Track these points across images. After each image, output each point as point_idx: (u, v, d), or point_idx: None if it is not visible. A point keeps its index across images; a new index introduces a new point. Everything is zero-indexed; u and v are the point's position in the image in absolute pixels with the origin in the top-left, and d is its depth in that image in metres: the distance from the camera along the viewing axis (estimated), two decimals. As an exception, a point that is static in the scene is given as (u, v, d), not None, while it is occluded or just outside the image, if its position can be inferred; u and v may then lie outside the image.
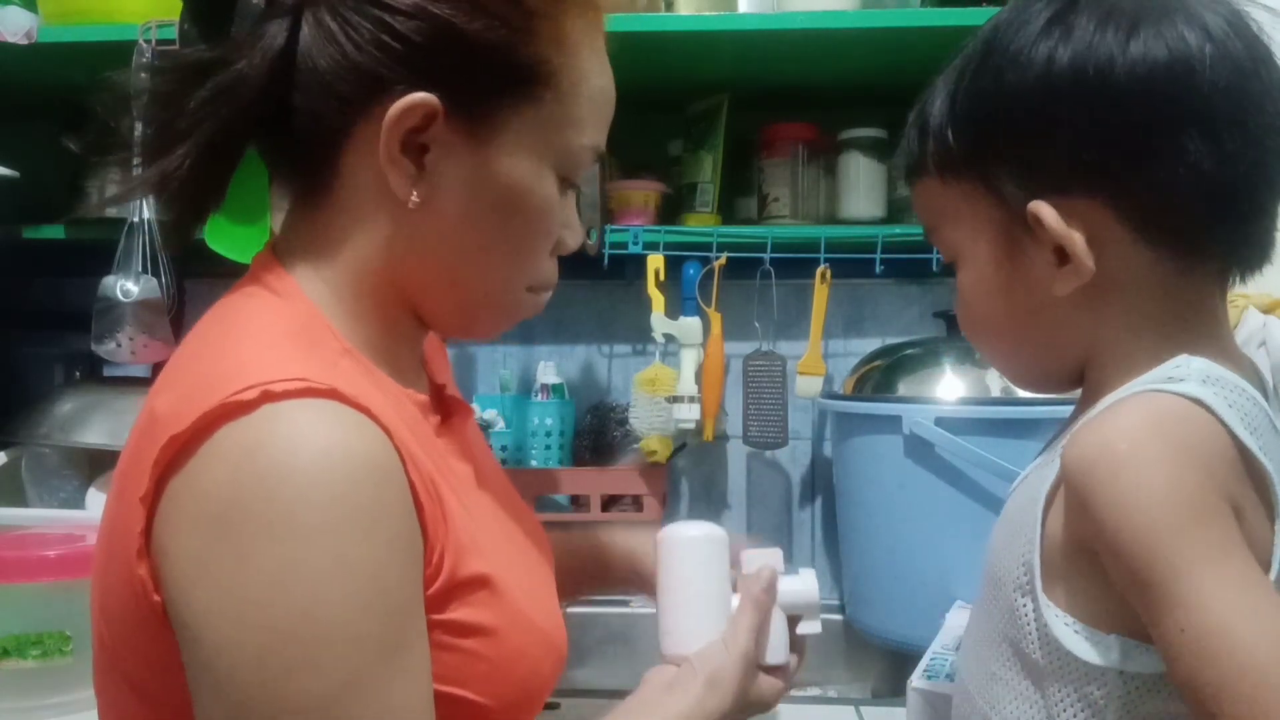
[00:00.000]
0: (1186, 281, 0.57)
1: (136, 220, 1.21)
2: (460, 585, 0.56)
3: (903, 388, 1.21)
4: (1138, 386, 0.55)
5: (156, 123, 0.57)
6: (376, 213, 0.59)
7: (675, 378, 1.35)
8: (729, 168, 1.40)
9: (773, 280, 1.40)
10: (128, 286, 1.22)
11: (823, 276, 1.35)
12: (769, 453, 1.48)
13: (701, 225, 1.38)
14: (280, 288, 0.60)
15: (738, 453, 1.51)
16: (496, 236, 0.61)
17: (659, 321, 1.35)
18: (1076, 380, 0.62)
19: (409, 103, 0.56)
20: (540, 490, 1.37)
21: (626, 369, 1.52)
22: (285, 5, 0.56)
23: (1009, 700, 0.58)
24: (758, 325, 1.43)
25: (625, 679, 0.70)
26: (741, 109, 1.38)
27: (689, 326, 1.35)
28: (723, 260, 1.35)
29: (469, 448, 0.69)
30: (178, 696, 0.51)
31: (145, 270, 1.23)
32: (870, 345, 1.40)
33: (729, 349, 1.40)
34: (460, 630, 0.56)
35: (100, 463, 1.28)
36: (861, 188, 1.38)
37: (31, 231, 1.35)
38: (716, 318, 1.38)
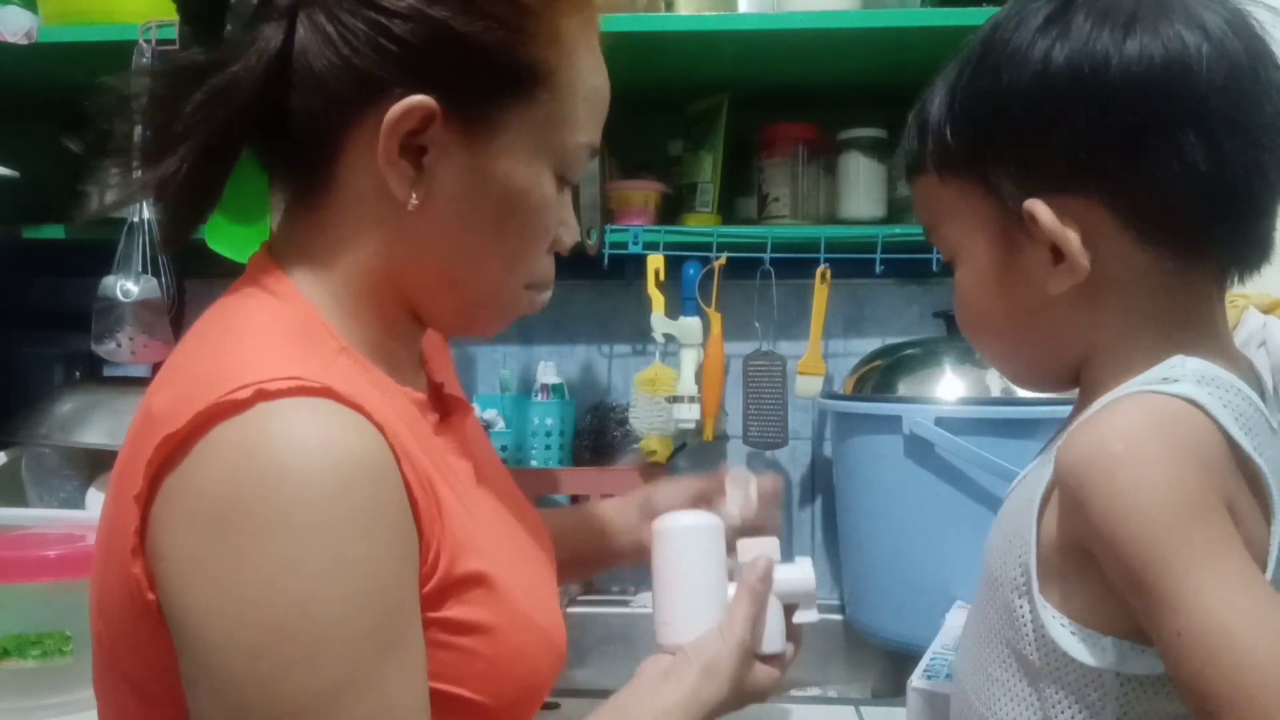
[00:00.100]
0: (1184, 281, 0.57)
1: (136, 220, 1.21)
2: (456, 583, 0.56)
3: (903, 388, 1.21)
4: (1133, 387, 0.55)
5: (153, 127, 0.57)
6: (374, 214, 0.59)
7: (675, 378, 1.35)
8: (729, 168, 1.40)
9: (773, 280, 1.39)
10: (128, 286, 1.23)
11: (823, 276, 1.35)
12: (769, 453, 1.48)
13: (701, 225, 1.38)
14: (277, 288, 0.60)
15: (738, 453, 1.50)
16: (495, 236, 0.61)
17: (659, 321, 1.35)
18: (1074, 379, 0.62)
19: (407, 105, 0.56)
20: (540, 490, 1.37)
21: (626, 369, 1.52)
22: (280, 8, 0.55)
23: (1005, 701, 0.58)
24: (758, 325, 1.43)
25: (625, 679, 0.70)
26: (741, 109, 1.38)
27: (689, 326, 1.35)
28: (723, 260, 1.35)
29: (469, 446, 0.69)
30: (177, 695, 0.51)
31: (145, 270, 1.23)
32: (870, 345, 1.40)
33: (729, 349, 1.40)
34: (456, 628, 0.56)
35: (100, 463, 1.28)
36: (861, 188, 1.38)
37: (31, 231, 1.35)
38: (716, 318, 1.38)
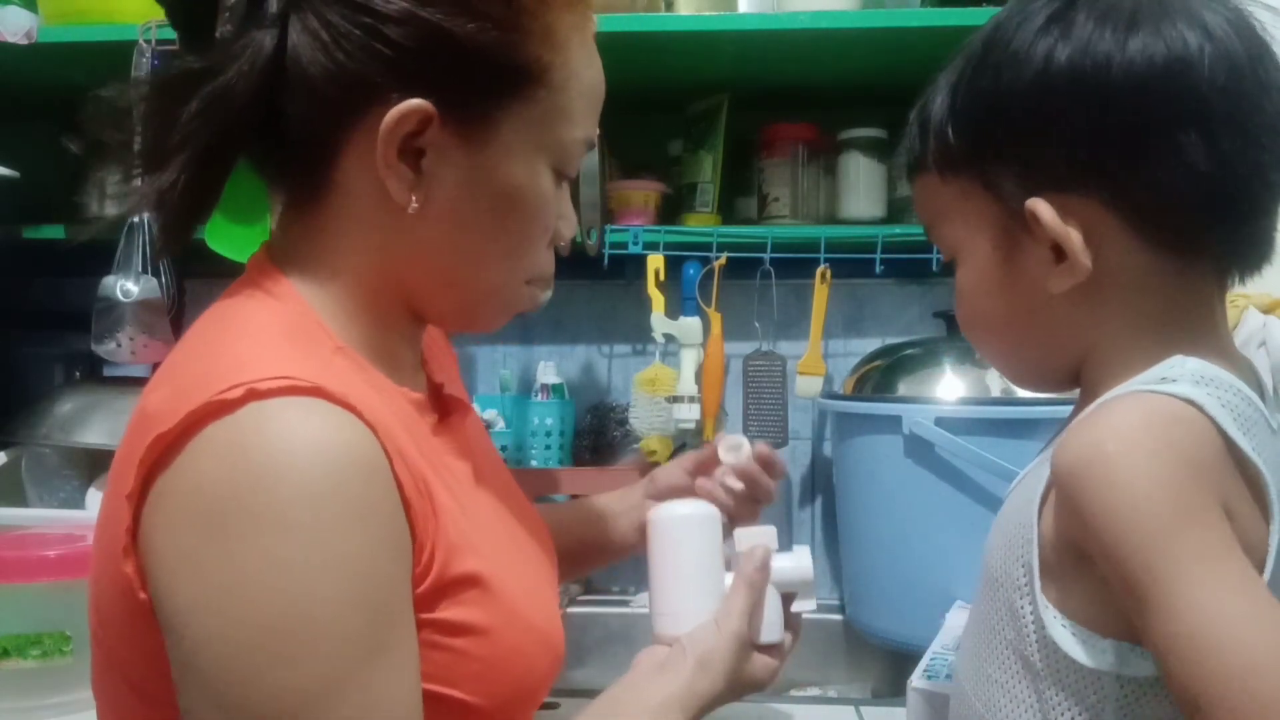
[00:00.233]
0: (1185, 281, 0.57)
1: (136, 220, 1.21)
2: (451, 584, 0.56)
3: (903, 388, 1.21)
4: (1131, 386, 0.55)
5: (149, 138, 0.56)
6: (373, 216, 0.59)
7: (675, 378, 1.35)
8: (729, 168, 1.40)
9: (773, 280, 1.39)
10: (128, 286, 1.22)
11: (823, 276, 1.35)
12: (769, 453, 1.48)
13: (701, 225, 1.38)
14: (275, 289, 0.60)
15: (737, 453, 1.50)
16: (494, 234, 0.61)
17: (659, 321, 1.34)
18: (1074, 379, 0.62)
19: (404, 110, 0.55)
20: (540, 490, 1.37)
21: (626, 369, 1.52)
22: (271, 14, 0.55)
23: (1005, 702, 0.58)
24: (758, 325, 1.43)
25: (625, 679, 0.70)
26: (741, 109, 1.38)
27: (689, 326, 1.35)
28: (723, 260, 1.34)
29: (468, 446, 0.69)
30: (174, 693, 0.51)
31: (145, 270, 1.23)
32: (870, 345, 1.40)
33: (729, 349, 1.40)
34: (451, 629, 0.56)
35: (100, 463, 1.28)
36: (861, 188, 1.38)
37: (31, 231, 1.35)
38: (716, 318, 1.37)
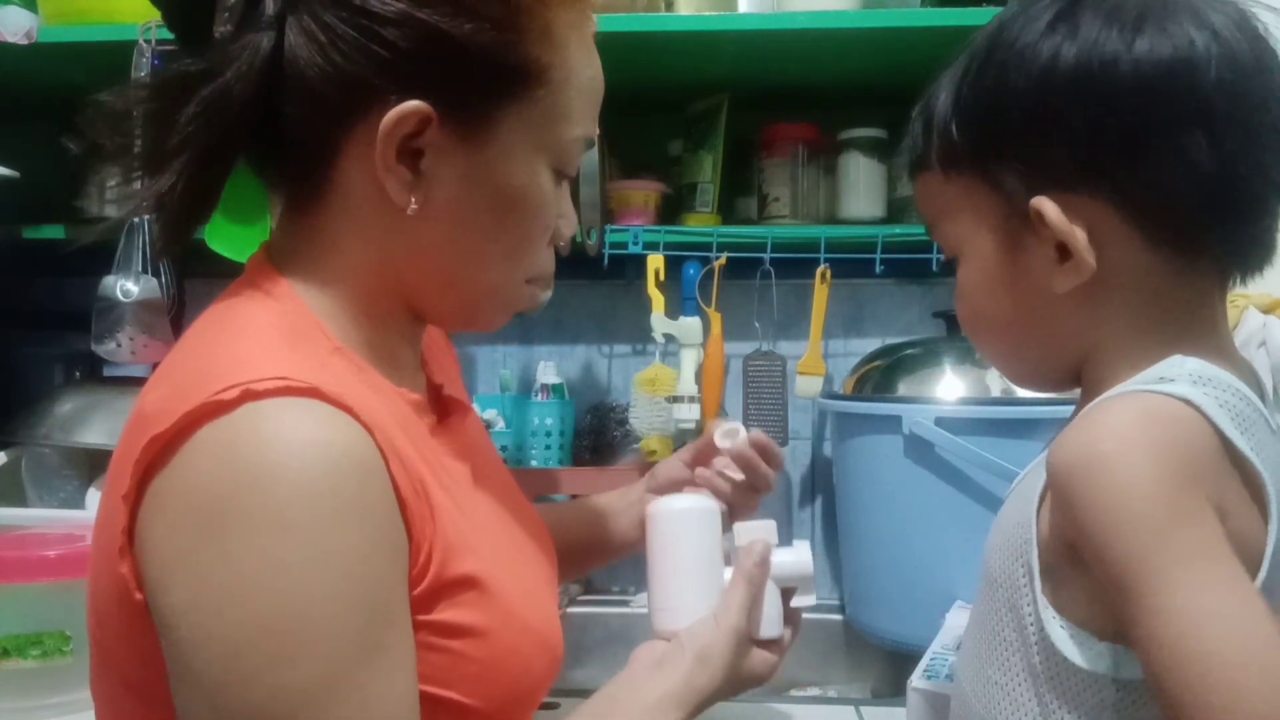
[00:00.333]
0: (1186, 281, 0.57)
1: (136, 221, 1.21)
2: (448, 585, 0.56)
3: (903, 388, 1.21)
4: (1129, 386, 0.55)
5: (148, 141, 0.56)
6: (372, 217, 0.59)
7: (675, 378, 1.35)
8: (729, 168, 1.40)
9: (773, 280, 1.39)
10: (128, 286, 1.22)
11: (823, 276, 1.35)
12: (769, 453, 1.48)
13: (701, 225, 1.38)
14: (273, 290, 0.59)
15: (737, 453, 1.50)
16: (494, 234, 0.61)
17: (659, 321, 1.34)
18: (1075, 379, 0.62)
19: (402, 111, 0.55)
20: (540, 490, 1.37)
21: (626, 369, 1.52)
22: (268, 16, 0.55)
23: (1005, 704, 0.58)
24: (758, 325, 1.43)
25: (624, 679, 0.70)
26: (741, 109, 1.38)
27: (689, 326, 1.34)
28: (723, 260, 1.34)
29: (467, 447, 0.68)
30: (171, 693, 0.51)
31: (145, 270, 1.23)
32: (870, 345, 1.40)
33: (729, 349, 1.40)
34: (448, 631, 0.56)
35: (100, 463, 1.28)
36: (861, 188, 1.38)
37: (31, 231, 1.35)
38: (716, 318, 1.37)
